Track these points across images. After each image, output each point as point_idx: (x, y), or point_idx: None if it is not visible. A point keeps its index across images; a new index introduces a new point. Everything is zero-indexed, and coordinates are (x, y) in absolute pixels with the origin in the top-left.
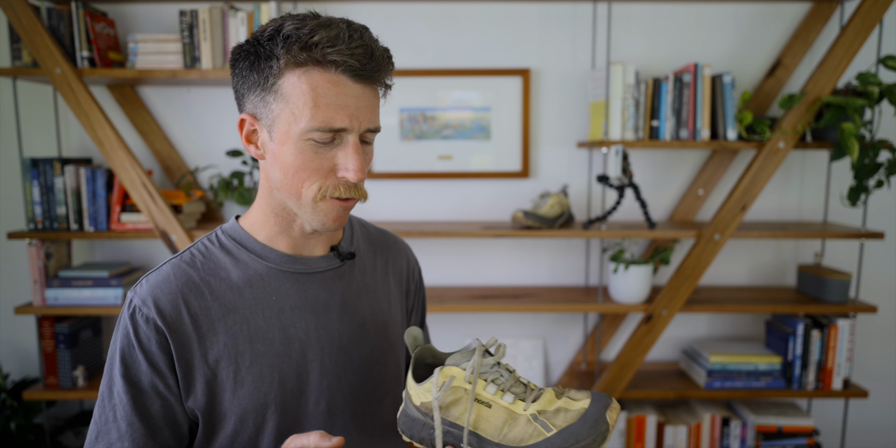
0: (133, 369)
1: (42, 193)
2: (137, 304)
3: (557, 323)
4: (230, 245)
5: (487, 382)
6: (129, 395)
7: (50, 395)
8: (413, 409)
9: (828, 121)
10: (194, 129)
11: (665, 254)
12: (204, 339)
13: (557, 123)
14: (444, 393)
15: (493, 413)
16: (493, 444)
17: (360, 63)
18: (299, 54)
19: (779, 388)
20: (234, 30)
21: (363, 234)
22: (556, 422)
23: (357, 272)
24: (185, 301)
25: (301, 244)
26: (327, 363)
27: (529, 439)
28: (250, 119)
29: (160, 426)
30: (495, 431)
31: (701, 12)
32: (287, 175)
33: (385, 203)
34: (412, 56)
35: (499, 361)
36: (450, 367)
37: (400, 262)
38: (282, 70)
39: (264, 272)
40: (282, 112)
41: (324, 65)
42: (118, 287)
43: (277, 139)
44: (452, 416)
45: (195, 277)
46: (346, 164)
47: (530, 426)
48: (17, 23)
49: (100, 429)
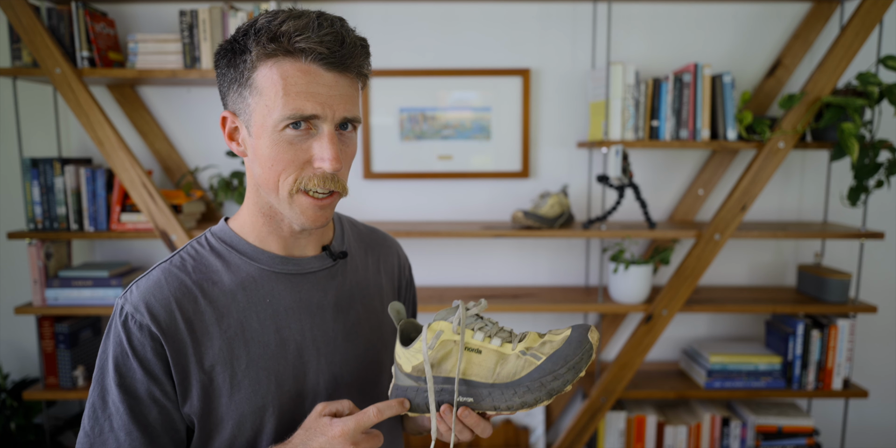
0: (128, 378)
1: (42, 193)
2: (130, 310)
3: (557, 323)
4: (221, 248)
5: (475, 331)
6: (126, 404)
7: (50, 395)
8: (404, 378)
9: (828, 121)
10: (194, 129)
11: (665, 254)
12: (199, 343)
13: (557, 123)
14: (435, 347)
15: (483, 357)
16: (486, 387)
17: (329, 50)
18: (268, 45)
19: (779, 388)
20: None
21: (353, 233)
22: (544, 351)
23: (349, 271)
24: (179, 306)
25: (292, 244)
26: (323, 363)
27: (522, 371)
28: (231, 116)
29: (159, 434)
30: (488, 373)
31: (701, 12)
32: (265, 169)
33: (385, 203)
34: (412, 56)
35: (480, 316)
36: (437, 322)
37: (391, 259)
38: (254, 63)
39: (257, 274)
40: (257, 105)
41: (294, 54)
42: (118, 287)
43: (254, 133)
44: (445, 371)
45: (187, 282)
46: (322, 154)
47: (521, 360)
48: (17, 23)
49: (93, 440)
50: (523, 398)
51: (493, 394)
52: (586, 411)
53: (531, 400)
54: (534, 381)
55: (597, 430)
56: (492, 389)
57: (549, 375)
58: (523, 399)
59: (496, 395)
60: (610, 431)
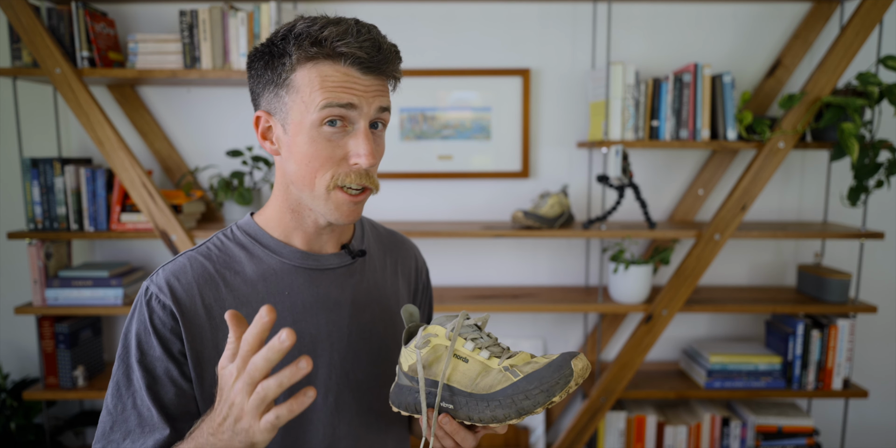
0: (149, 355)
1: (42, 193)
2: (154, 290)
3: (557, 323)
4: (245, 240)
5: (466, 340)
6: (146, 382)
7: (50, 395)
8: (403, 377)
9: (828, 121)
10: (194, 129)
11: (665, 254)
12: (217, 330)
13: (557, 123)
14: (427, 349)
15: (468, 367)
16: (464, 394)
17: (368, 55)
18: (310, 49)
19: (779, 388)
20: (233, 30)
21: (373, 234)
22: (524, 370)
23: (367, 270)
24: (200, 291)
25: (314, 240)
26: (336, 359)
27: (498, 385)
28: (265, 116)
29: (175, 415)
30: (469, 382)
31: (701, 12)
32: (301, 165)
33: (385, 203)
34: (412, 56)
35: (481, 328)
36: (433, 326)
37: (409, 262)
38: (294, 65)
39: (278, 267)
40: (294, 103)
41: (333, 57)
42: (118, 287)
43: (291, 131)
44: (433, 375)
45: (210, 269)
46: (357, 150)
47: (500, 374)
48: (17, 23)
49: (115, 418)
50: (494, 412)
51: (469, 403)
52: (586, 411)
53: (501, 415)
54: (506, 397)
55: (597, 430)
56: (469, 398)
57: (520, 394)
58: (494, 413)
59: (472, 405)
60: (610, 431)
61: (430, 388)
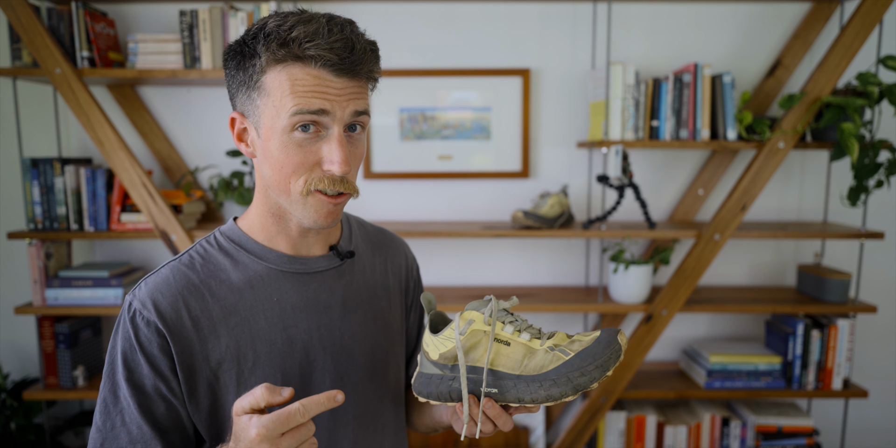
0: (136, 373)
1: (42, 193)
2: (137, 307)
3: (557, 323)
4: (229, 247)
5: (505, 324)
6: (135, 399)
7: (50, 395)
8: (429, 366)
9: (828, 121)
10: (194, 129)
11: (665, 254)
12: (205, 341)
13: (557, 123)
14: (466, 334)
15: (512, 350)
16: (511, 377)
17: (339, 57)
18: (278, 51)
19: (779, 388)
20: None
21: (361, 233)
22: (573, 348)
23: (357, 271)
24: (186, 303)
25: (299, 244)
26: (329, 362)
27: (550, 365)
28: (240, 117)
29: (167, 429)
30: (515, 365)
31: (701, 12)
32: (275, 171)
33: (385, 203)
34: (412, 56)
35: (510, 312)
36: (469, 311)
37: (399, 260)
38: (264, 67)
39: (265, 273)
40: (266, 107)
41: (303, 60)
42: (118, 287)
43: (264, 135)
44: (472, 361)
45: (195, 280)
46: (331, 157)
47: (549, 354)
48: (17, 23)
49: (105, 435)
50: (549, 391)
51: (518, 385)
52: (586, 411)
53: (557, 394)
54: (561, 376)
55: (597, 430)
56: (517, 381)
57: (576, 371)
58: (549, 392)
59: (521, 387)
60: (610, 431)
61: (467, 375)
